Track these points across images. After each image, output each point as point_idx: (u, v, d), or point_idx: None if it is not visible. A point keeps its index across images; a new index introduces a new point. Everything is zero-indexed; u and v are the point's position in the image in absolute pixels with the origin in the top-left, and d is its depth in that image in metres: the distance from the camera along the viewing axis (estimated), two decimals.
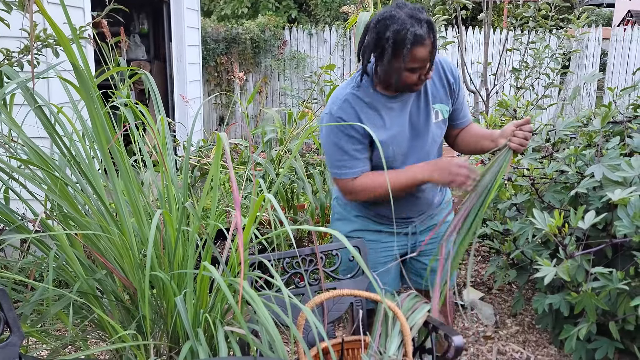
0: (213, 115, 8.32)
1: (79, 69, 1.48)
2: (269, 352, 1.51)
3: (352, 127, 1.72)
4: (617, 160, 2.20)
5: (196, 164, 3.24)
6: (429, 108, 1.82)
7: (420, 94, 1.81)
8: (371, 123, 1.75)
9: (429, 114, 1.82)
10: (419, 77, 1.68)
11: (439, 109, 1.83)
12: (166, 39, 5.97)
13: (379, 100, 1.77)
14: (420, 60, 1.62)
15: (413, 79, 1.67)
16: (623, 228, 1.99)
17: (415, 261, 2.05)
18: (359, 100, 1.75)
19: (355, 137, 1.74)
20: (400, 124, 1.79)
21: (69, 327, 1.60)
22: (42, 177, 1.73)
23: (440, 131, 1.88)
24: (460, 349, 1.68)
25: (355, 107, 1.74)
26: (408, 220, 1.97)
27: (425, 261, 2.02)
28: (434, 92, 1.83)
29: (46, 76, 2.04)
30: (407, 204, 1.92)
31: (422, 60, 1.63)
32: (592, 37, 8.56)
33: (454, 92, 1.87)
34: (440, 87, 1.84)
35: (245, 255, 1.69)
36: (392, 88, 1.75)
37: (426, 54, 1.62)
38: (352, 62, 8.31)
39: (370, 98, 1.76)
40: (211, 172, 1.67)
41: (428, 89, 1.82)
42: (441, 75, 1.84)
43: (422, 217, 1.97)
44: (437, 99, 1.83)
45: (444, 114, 1.85)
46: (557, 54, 3.82)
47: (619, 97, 2.82)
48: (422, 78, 1.68)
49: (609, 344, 2.24)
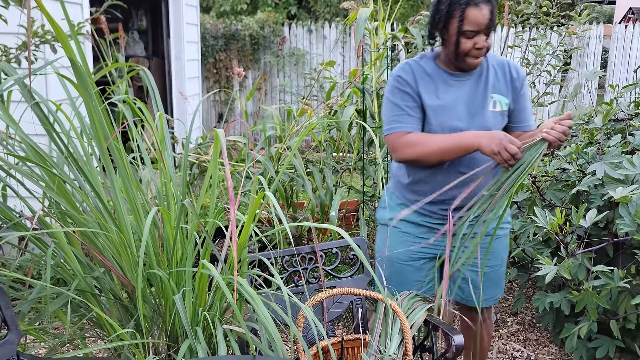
0: (212, 112, 8.30)
1: (76, 65, 1.47)
2: (268, 351, 1.50)
3: (407, 84, 1.80)
4: (618, 158, 2.19)
5: (195, 161, 3.23)
6: (487, 94, 1.82)
7: (480, 80, 1.82)
8: (425, 89, 1.80)
9: (485, 100, 1.82)
10: (474, 46, 1.70)
11: (498, 99, 1.83)
12: (165, 35, 5.95)
13: (439, 74, 1.82)
14: (473, 23, 1.66)
15: (468, 46, 1.70)
16: (624, 226, 1.98)
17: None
18: (420, 67, 1.83)
19: (408, 94, 1.80)
20: (453, 99, 1.80)
21: (67, 326, 1.59)
22: (39, 174, 1.72)
23: (497, 122, 1.83)
24: (460, 347, 1.67)
25: (415, 70, 1.82)
26: (446, 215, 1.86)
27: (464, 271, 1.92)
28: (494, 83, 1.83)
29: (44, 72, 2.02)
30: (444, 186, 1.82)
31: (475, 24, 1.66)
32: (593, 34, 8.54)
33: (515, 90, 1.85)
34: (502, 80, 1.84)
35: (244, 253, 1.68)
36: (452, 60, 1.78)
37: (480, 17, 1.66)
38: (351, 58, 8.29)
39: (431, 69, 1.83)
40: (210, 170, 1.66)
41: (489, 78, 1.83)
42: (505, 70, 1.85)
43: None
44: (496, 89, 1.83)
45: (503, 106, 1.83)
46: (558, 51, 3.81)
47: (620, 94, 2.80)
48: (477, 47, 1.70)
49: (610, 343, 2.24)
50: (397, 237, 1.95)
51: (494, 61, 1.86)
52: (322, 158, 3.24)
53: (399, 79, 1.82)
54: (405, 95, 1.81)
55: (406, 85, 1.80)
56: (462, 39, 1.70)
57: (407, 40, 3.13)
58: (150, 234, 1.59)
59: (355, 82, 3.02)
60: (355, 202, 3.32)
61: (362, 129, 3.00)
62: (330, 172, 3.01)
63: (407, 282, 1.95)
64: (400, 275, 1.96)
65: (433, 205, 1.87)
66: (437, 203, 1.87)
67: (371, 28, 2.92)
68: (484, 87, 1.82)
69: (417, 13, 3.97)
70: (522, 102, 1.88)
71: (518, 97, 1.86)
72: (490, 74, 1.84)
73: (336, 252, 1.96)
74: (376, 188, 3.13)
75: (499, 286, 2.01)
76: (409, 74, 1.82)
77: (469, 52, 1.72)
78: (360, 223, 2.85)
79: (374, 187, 3.19)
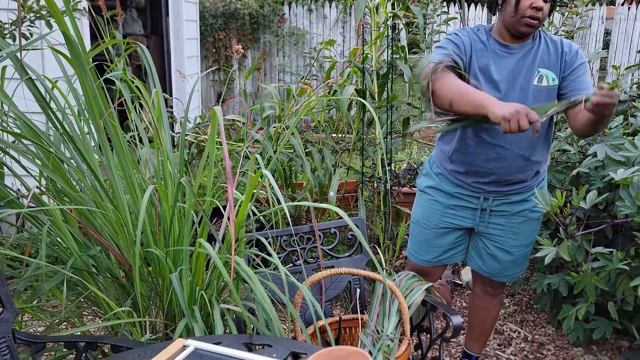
0: (211, 91, 8.24)
1: (70, 40, 1.44)
2: (266, 330, 1.50)
3: (461, 41, 1.85)
4: (620, 139, 2.17)
5: (193, 140, 3.21)
6: (533, 68, 1.83)
7: (529, 54, 1.84)
8: (476, 53, 1.85)
9: (531, 73, 1.82)
10: (531, 5, 1.73)
11: (544, 73, 1.83)
12: (163, 13, 5.87)
13: (492, 45, 1.86)
14: None
15: (526, 4, 1.74)
16: (625, 208, 1.97)
17: (480, 241, 2.01)
18: (475, 35, 1.88)
19: (459, 47, 1.84)
20: (501, 66, 1.83)
21: (63, 304, 1.58)
22: (35, 152, 1.70)
23: (540, 97, 1.81)
24: (458, 328, 1.68)
25: (471, 35, 1.88)
26: (480, 189, 1.91)
27: (489, 245, 1.99)
28: (544, 57, 1.84)
29: (39, 47, 1.99)
30: (482, 159, 1.85)
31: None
32: (595, 15, 8.46)
33: (566, 65, 1.84)
34: (553, 55, 1.84)
35: (242, 232, 1.67)
36: (510, 25, 1.80)
37: None
38: (352, 38, 8.21)
39: (485, 38, 1.87)
40: (207, 148, 1.64)
41: (539, 53, 1.84)
42: (557, 46, 1.86)
43: (497, 191, 1.90)
44: (544, 64, 1.83)
45: (549, 81, 1.82)
46: (561, 31, 3.76)
47: (622, 76, 2.77)
48: (534, 6, 1.73)
49: (607, 325, 2.24)
50: (428, 205, 2.01)
51: (548, 38, 1.88)
52: (321, 138, 3.22)
53: (454, 35, 1.88)
54: (456, 47, 1.84)
55: (460, 41, 1.85)
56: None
57: (408, 20, 3.09)
58: (147, 212, 1.58)
59: (355, 61, 2.99)
60: (354, 183, 3.31)
61: (361, 108, 2.97)
62: (330, 152, 2.99)
63: (431, 246, 2.03)
64: (425, 240, 2.04)
65: (467, 177, 1.91)
66: (471, 174, 1.90)
67: (372, 6, 2.88)
68: (532, 61, 1.83)
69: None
70: (573, 80, 1.83)
71: (570, 71, 1.84)
72: (541, 48, 1.85)
73: (334, 232, 1.96)
74: (375, 169, 3.11)
75: (521, 266, 2.05)
76: (464, 34, 1.88)
77: (526, 13, 1.75)
78: (359, 204, 2.84)
79: (373, 168, 3.18)
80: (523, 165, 1.86)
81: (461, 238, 2.02)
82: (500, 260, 1.99)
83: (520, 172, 1.87)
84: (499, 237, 1.96)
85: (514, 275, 2.05)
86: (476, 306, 2.19)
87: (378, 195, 3.03)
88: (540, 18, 1.76)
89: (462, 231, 2.01)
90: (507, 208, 1.92)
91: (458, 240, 2.02)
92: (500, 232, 1.95)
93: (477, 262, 2.05)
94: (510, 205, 1.92)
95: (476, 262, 2.05)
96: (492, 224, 1.95)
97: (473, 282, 2.20)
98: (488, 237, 1.97)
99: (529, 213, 1.94)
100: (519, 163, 1.85)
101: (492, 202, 1.92)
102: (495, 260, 2.00)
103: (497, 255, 1.99)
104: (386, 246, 2.88)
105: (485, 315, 2.17)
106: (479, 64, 1.83)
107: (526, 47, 1.84)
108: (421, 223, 2.04)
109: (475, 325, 2.21)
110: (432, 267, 2.06)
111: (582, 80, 1.83)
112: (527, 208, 1.93)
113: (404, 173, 3.63)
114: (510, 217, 1.93)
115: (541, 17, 1.76)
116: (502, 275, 2.04)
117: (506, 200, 1.92)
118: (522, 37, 1.83)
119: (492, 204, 1.92)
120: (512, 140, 1.81)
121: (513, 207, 1.92)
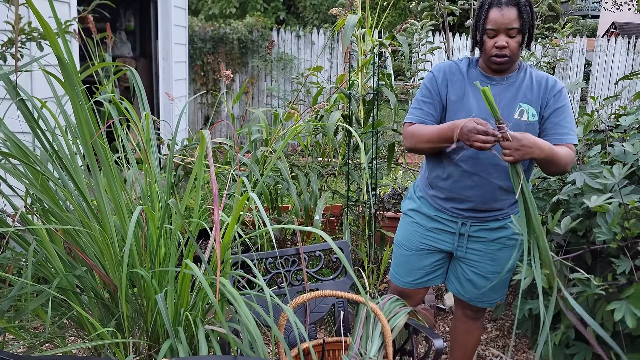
0: (199, 114, 8.28)
1: (64, 63, 1.47)
2: (250, 352, 1.51)
3: (434, 80, 1.91)
4: (598, 168, 2.23)
5: (180, 162, 3.22)
6: (515, 102, 1.86)
7: (511, 87, 1.87)
8: (453, 86, 1.89)
9: (513, 106, 1.85)
10: (494, 45, 1.78)
11: (526, 108, 1.86)
12: (153, 36, 5.93)
13: (475, 76, 1.90)
14: (492, 22, 1.77)
15: (489, 45, 1.80)
16: (602, 234, 2.02)
17: (458, 265, 2.05)
18: (456, 67, 1.92)
19: (428, 89, 1.91)
20: (475, 100, 1.86)
21: (47, 324, 1.58)
22: (22, 172, 1.71)
23: (521, 130, 1.81)
24: (440, 351, 1.69)
25: (446, 69, 1.92)
26: (458, 214, 1.95)
27: (467, 270, 2.02)
28: (526, 93, 1.86)
29: (30, 69, 2.01)
30: (460, 186, 1.90)
31: (494, 23, 1.76)
32: (576, 46, 8.68)
33: (548, 105, 1.86)
34: (536, 91, 1.86)
35: (228, 254, 1.69)
36: (484, 61, 1.86)
37: (499, 18, 1.75)
38: (339, 64, 8.33)
39: (468, 70, 1.91)
40: (194, 171, 1.66)
41: (522, 87, 1.87)
42: (541, 82, 1.87)
43: (475, 217, 1.94)
44: (526, 99, 1.86)
45: (530, 116, 1.85)
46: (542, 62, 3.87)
47: (601, 106, 2.86)
48: (497, 46, 1.78)
49: (587, 349, 2.27)
50: (410, 226, 2.06)
51: (535, 74, 1.89)
52: (307, 162, 3.26)
53: (429, 74, 1.94)
54: (426, 91, 1.91)
55: (432, 81, 1.91)
56: (485, 38, 1.81)
57: (394, 48, 3.16)
58: (134, 233, 1.59)
59: (342, 87, 3.04)
60: (340, 207, 3.34)
61: (347, 134, 3.02)
62: (315, 176, 3.03)
63: (412, 268, 2.07)
64: (406, 262, 2.08)
65: (446, 202, 1.96)
66: (449, 200, 1.95)
67: (359, 35, 2.95)
68: (513, 94, 1.86)
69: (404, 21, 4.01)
70: (556, 116, 1.86)
71: (549, 113, 1.86)
72: (525, 83, 1.87)
73: (319, 254, 1.98)
74: (360, 193, 3.14)
75: (499, 292, 2.08)
76: (439, 72, 1.92)
77: (492, 52, 1.80)
78: (344, 227, 2.87)
79: (359, 192, 3.21)
80: (500, 195, 1.90)
81: (442, 261, 2.06)
82: (477, 286, 2.02)
83: (497, 201, 1.92)
84: (477, 262, 2.00)
85: (492, 300, 2.08)
86: (458, 329, 2.22)
87: (363, 219, 3.06)
88: (508, 54, 1.79)
89: (443, 254, 2.05)
90: (485, 234, 1.96)
91: (438, 262, 2.05)
92: (478, 258, 1.99)
93: (456, 286, 2.08)
94: (488, 231, 1.96)
95: (455, 286, 2.09)
96: (470, 249, 1.99)
97: (455, 304, 2.23)
98: (466, 262, 2.01)
99: (507, 240, 1.98)
100: (496, 193, 1.90)
101: (470, 227, 1.96)
102: (473, 285, 2.03)
103: (475, 280, 2.02)
104: (370, 270, 2.90)
105: (467, 338, 2.19)
106: (451, 96, 1.88)
107: (510, 79, 1.87)
108: (403, 245, 2.08)
109: (457, 348, 2.23)
110: (413, 289, 2.09)
111: (560, 125, 1.85)
112: (505, 235, 1.97)
113: (388, 198, 3.67)
114: (488, 244, 1.97)
115: (508, 53, 1.79)
116: (480, 300, 2.07)
117: (484, 226, 1.96)
118: (501, 71, 1.87)
119: (470, 229, 1.96)
120: (490, 170, 1.85)
121: (491, 234, 1.96)
